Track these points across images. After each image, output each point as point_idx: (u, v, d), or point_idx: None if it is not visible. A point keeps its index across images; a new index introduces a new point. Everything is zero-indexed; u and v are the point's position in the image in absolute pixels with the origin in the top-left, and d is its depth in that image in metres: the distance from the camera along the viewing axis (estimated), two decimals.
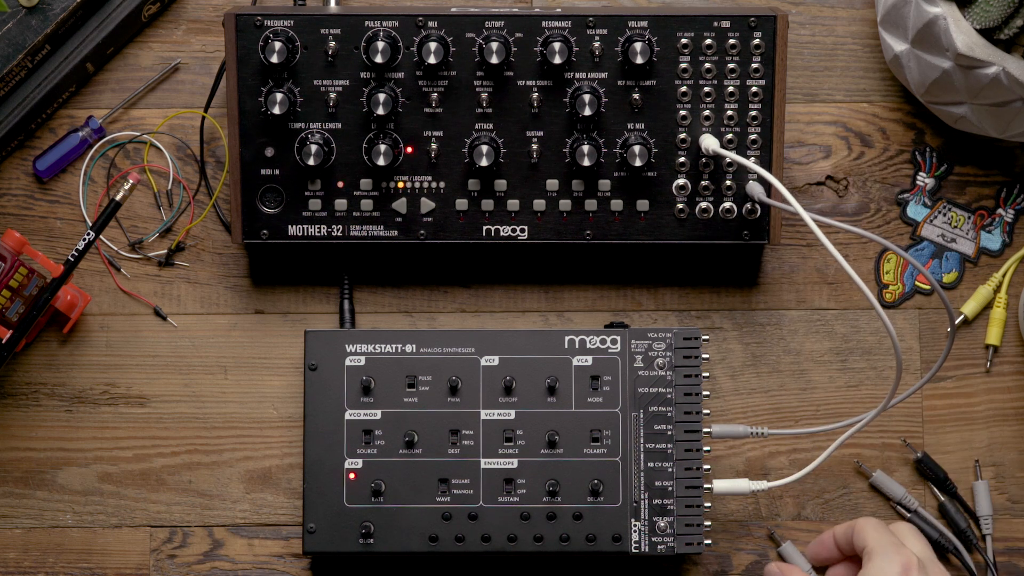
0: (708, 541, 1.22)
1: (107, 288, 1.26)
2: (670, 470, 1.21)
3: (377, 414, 1.22)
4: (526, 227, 1.22)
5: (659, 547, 1.21)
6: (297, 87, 1.20)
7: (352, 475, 1.21)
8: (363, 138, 1.21)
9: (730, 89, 1.20)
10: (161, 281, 1.26)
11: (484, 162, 1.20)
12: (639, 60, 1.19)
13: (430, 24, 1.19)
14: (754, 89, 1.20)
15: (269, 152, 1.21)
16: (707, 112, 1.21)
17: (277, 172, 1.21)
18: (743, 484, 1.23)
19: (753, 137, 1.21)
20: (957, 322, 1.26)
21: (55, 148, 1.25)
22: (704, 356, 1.22)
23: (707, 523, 1.22)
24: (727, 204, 1.22)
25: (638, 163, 1.19)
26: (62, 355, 1.26)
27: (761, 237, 1.22)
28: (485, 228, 1.22)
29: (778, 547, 1.25)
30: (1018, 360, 1.27)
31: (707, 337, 1.25)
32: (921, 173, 1.27)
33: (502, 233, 1.22)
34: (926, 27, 1.15)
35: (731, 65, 1.20)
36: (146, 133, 1.26)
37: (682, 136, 1.21)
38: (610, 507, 1.21)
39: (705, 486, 1.22)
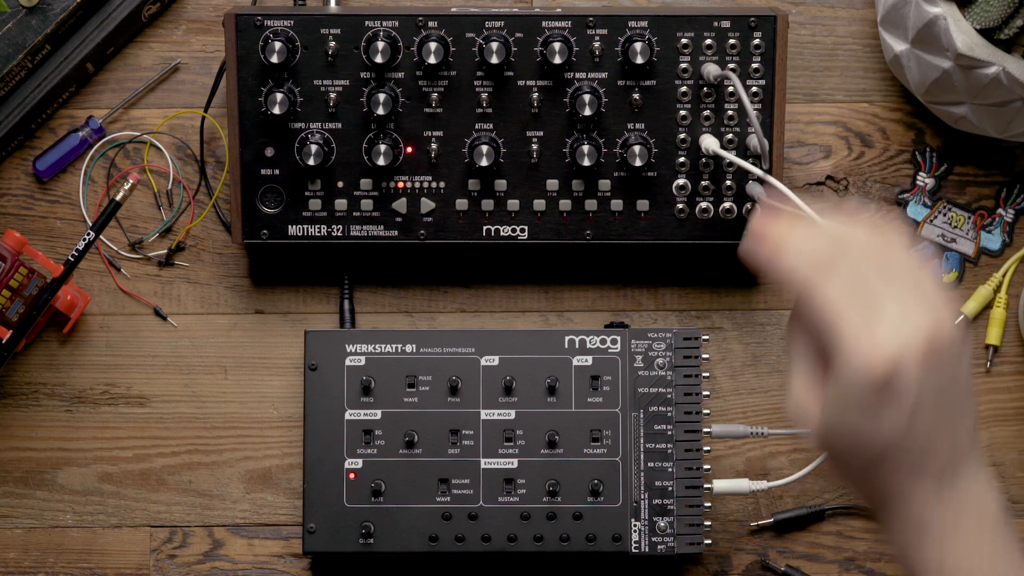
0: (708, 541, 1.22)
1: (107, 288, 1.26)
2: (670, 470, 1.21)
3: (377, 414, 1.22)
4: (526, 227, 1.22)
5: (659, 547, 1.21)
6: (297, 87, 1.20)
7: (352, 475, 1.21)
8: (363, 138, 1.21)
9: (730, 89, 1.20)
10: (161, 281, 1.26)
11: (484, 162, 1.19)
12: (639, 60, 1.19)
13: (430, 24, 1.19)
14: (754, 89, 1.20)
15: (269, 152, 1.21)
16: (707, 112, 1.21)
17: (277, 172, 1.21)
18: (743, 484, 1.23)
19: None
20: (957, 322, 1.25)
21: (55, 148, 1.25)
22: (704, 356, 1.22)
23: (707, 523, 1.22)
24: (727, 204, 1.22)
25: (638, 163, 1.19)
26: (62, 355, 1.26)
27: None
28: (485, 228, 1.22)
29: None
30: (1018, 360, 1.27)
31: (707, 337, 1.25)
32: (921, 173, 1.27)
33: (502, 233, 1.22)
34: (926, 27, 1.15)
35: (731, 65, 1.20)
36: (146, 133, 1.26)
37: (682, 136, 1.21)
38: (610, 507, 1.21)
39: (705, 486, 1.22)
